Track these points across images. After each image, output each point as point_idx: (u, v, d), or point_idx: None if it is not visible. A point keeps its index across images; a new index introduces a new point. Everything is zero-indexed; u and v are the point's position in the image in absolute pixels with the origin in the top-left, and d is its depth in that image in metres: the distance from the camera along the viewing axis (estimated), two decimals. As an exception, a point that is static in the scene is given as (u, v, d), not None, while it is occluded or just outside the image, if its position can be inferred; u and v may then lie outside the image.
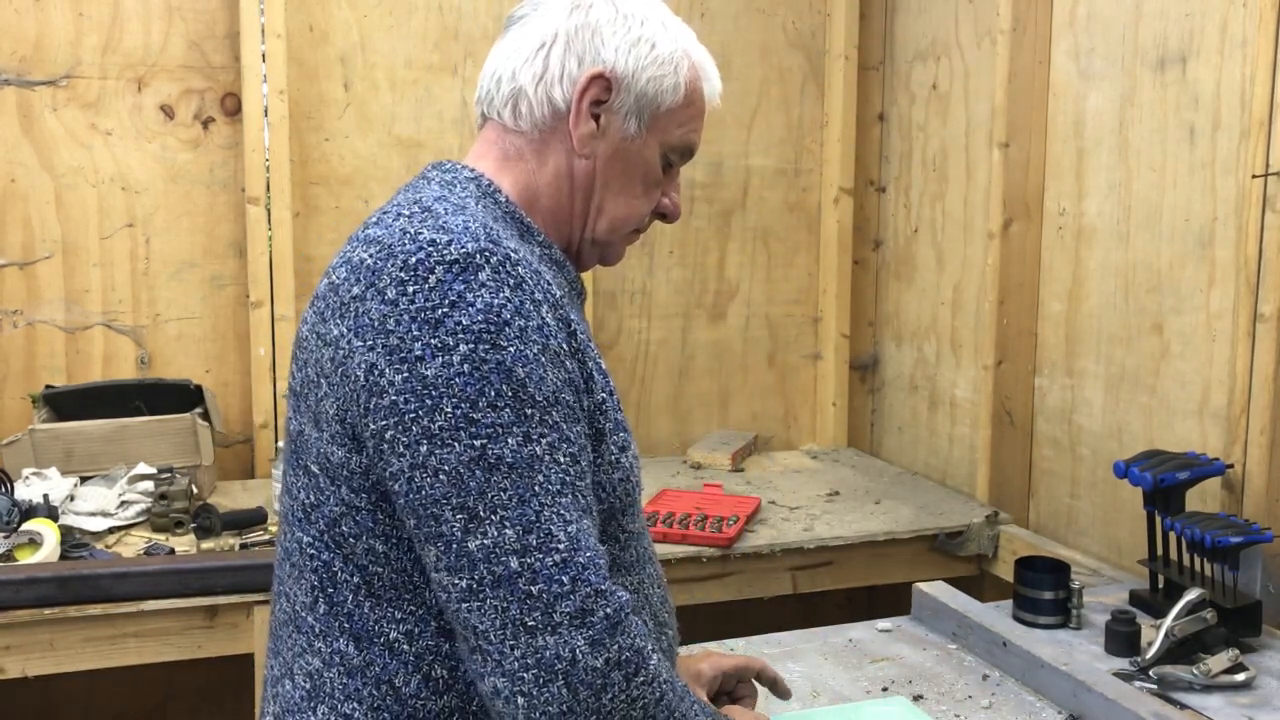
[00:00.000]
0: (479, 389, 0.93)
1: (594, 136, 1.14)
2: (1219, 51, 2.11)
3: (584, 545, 0.96)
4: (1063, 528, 2.54)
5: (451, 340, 0.94)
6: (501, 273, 0.97)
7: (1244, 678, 1.69)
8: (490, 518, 0.93)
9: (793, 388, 3.31)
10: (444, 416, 0.93)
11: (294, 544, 1.06)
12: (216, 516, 2.31)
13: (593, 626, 0.94)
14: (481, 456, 0.93)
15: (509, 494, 0.94)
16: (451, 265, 0.96)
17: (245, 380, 2.82)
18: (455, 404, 0.93)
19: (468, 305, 0.95)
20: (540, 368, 0.97)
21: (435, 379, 0.93)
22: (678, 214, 1.24)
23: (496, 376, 0.94)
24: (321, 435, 1.01)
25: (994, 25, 2.66)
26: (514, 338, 0.95)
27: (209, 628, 2.03)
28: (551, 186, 1.16)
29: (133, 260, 2.73)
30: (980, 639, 1.81)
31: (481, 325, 0.94)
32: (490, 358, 0.94)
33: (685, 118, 1.18)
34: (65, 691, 2.77)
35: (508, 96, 1.16)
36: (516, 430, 0.94)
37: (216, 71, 2.75)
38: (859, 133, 3.20)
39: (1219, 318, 2.12)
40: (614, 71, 1.13)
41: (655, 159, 1.18)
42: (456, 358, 0.93)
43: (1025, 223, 2.61)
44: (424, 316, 0.94)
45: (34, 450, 2.43)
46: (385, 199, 3.24)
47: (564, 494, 0.96)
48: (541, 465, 0.95)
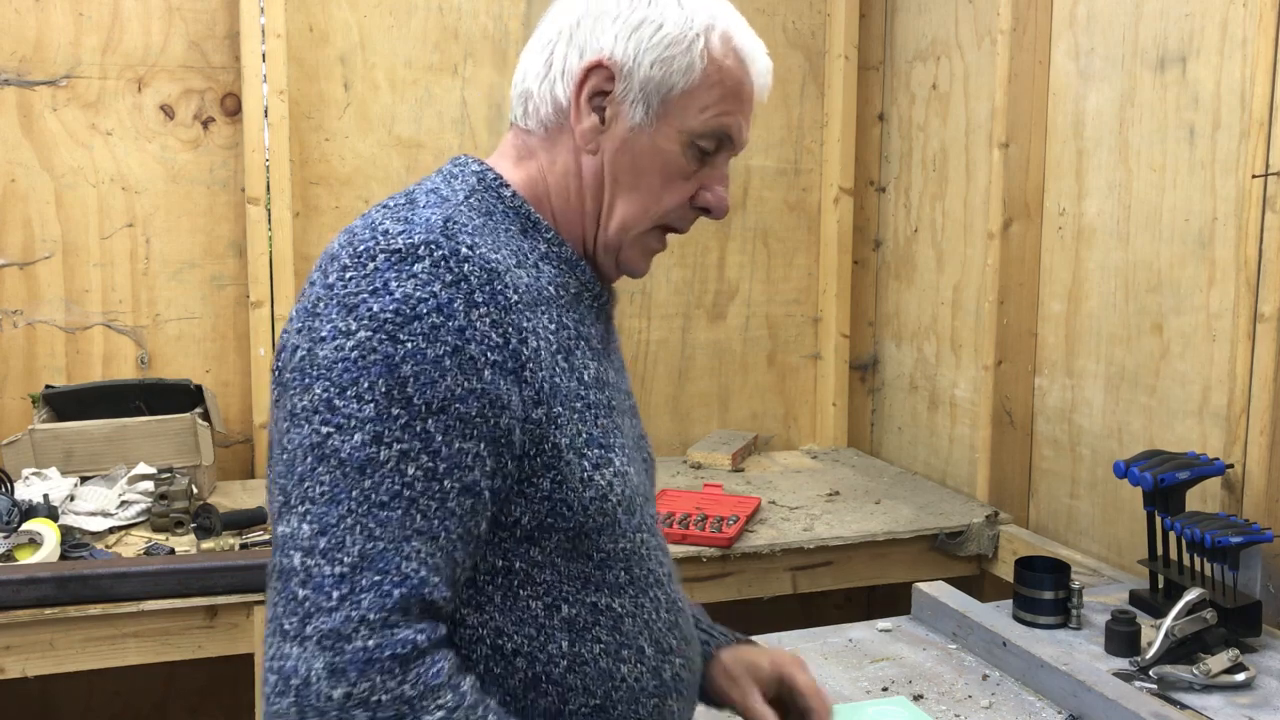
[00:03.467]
0: (353, 377, 0.90)
1: (598, 131, 1.09)
2: (1219, 51, 2.11)
3: (380, 568, 0.87)
4: (1063, 528, 2.54)
5: (355, 325, 0.91)
6: (441, 267, 0.93)
7: (1244, 678, 1.69)
8: (297, 508, 0.89)
9: (793, 388, 3.31)
10: (310, 397, 0.91)
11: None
12: (216, 516, 2.31)
13: (341, 654, 0.85)
14: (321, 444, 0.89)
15: (324, 489, 0.88)
16: (392, 254, 0.93)
17: (245, 380, 2.82)
18: (325, 387, 0.90)
19: (387, 294, 0.91)
20: (437, 371, 0.91)
21: (322, 360, 0.91)
22: (723, 208, 1.14)
23: (376, 369, 0.90)
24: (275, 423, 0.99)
25: (994, 25, 2.66)
26: (418, 334, 0.90)
27: (209, 628, 2.03)
28: (560, 185, 1.11)
29: (133, 260, 2.73)
30: (980, 639, 1.81)
31: (389, 315, 0.91)
32: (380, 349, 0.90)
33: (709, 100, 1.09)
34: (65, 691, 2.77)
35: (520, 97, 1.13)
36: (369, 428, 0.89)
37: (216, 71, 2.75)
38: (859, 133, 3.20)
39: (1219, 318, 2.12)
40: (613, 59, 1.07)
41: (675, 149, 1.09)
42: (350, 343, 0.90)
43: (1025, 223, 2.61)
44: (345, 301, 0.92)
45: (34, 450, 2.43)
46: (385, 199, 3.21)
47: (391, 507, 0.89)
48: (377, 471, 0.89)
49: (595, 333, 1.11)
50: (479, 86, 2.93)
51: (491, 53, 2.94)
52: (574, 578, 1.02)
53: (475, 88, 2.93)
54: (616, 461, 1.05)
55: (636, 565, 1.08)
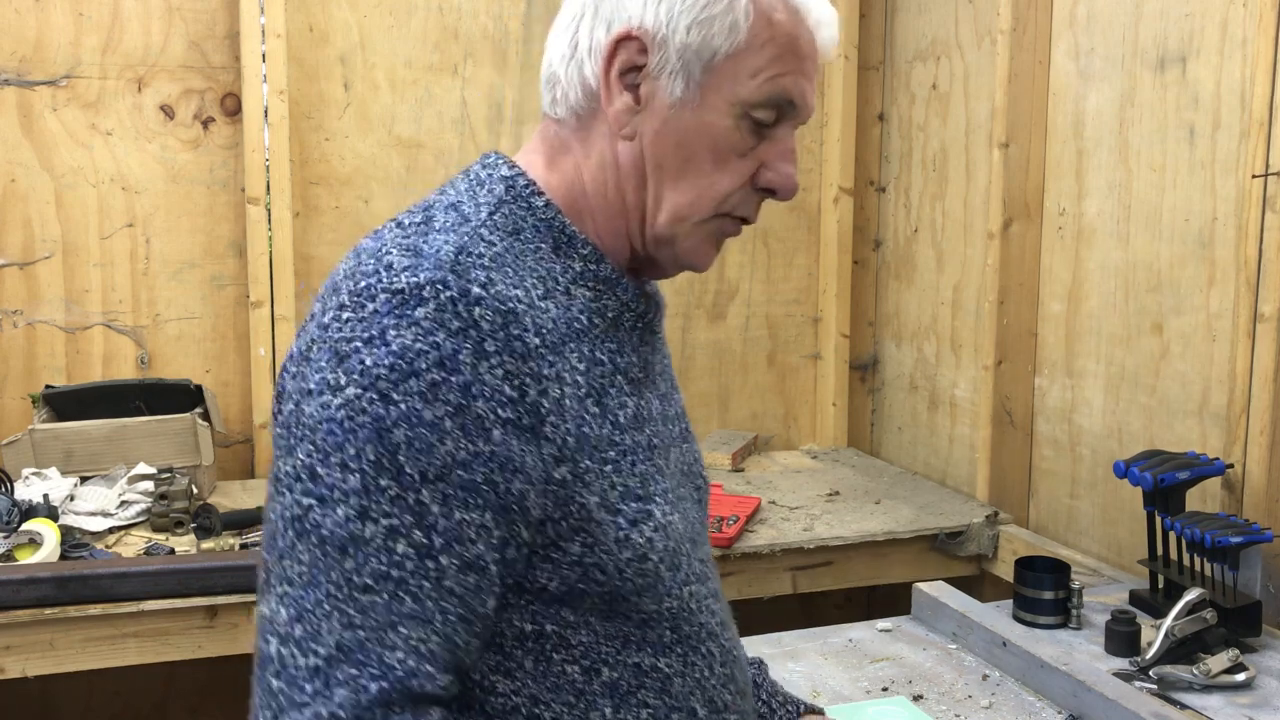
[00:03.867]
0: (338, 442, 0.80)
1: (633, 111, 0.96)
2: (1219, 51, 2.11)
3: (357, 660, 0.78)
4: (1063, 528, 2.54)
5: (344, 380, 0.81)
6: (447, 311, 0.82)
7: (1244, 678, 1.69)
8: (275, 588, 0.81)
9: (793, 388, 3.31)
10: (293, 462, 0.82)
11: None
12: (216, 516, 2.31)
13: None
14: (301, 518, 0.80)
15: (303, 569, 0.79)
16: (393, 296, 0.82)
17: (245, 380, 2.82)
18: (309, 452, 0.81)
19: (382, 344, 0.80)
20: (435, 434, 0.80)
21: (308, 419, 0.81)
22: (790, 187, 1.01)
23: (365, 433, 0.79)
24: None
25: (994, 25, 2.66)
26: (414, 393, 0.80)
27: (209, 628, 2.03)
28: (598, 179, 0.98)
29: (133, 260, 2.73)
30: (980, 639, 1.81)
31: (382, 371, 0.80)
32: (370, 410, 0.79)
33: (761, 61, 0.94)
34: (65, 691, 2.77)
35: (546, 83, 1.00)
36: (354, 501, 0.79)
37: (216, 71, 2.75)
38: (859, 133, 3.20)
39: (1219, 318, 2.12)
40: (643, 28, 0.93)
41: (726, 123, 0.96)
42: (337, 401, 0.80)
43: (1025, 223, 2.61)
44: (338, 348, 0.82)
45: (34, 450, 2.43)
46: (385, 199, 3.24)
47: (374, 591, 0.79)
48: (360, 549, 0.79)
49: (636, 360, 1.00)
50: (479, 86, 2.93)
51: (491, 53, 2.93)
52: (613, 637, 0.92)
53: (475, 88, 2.93)
54: (657, 513, 0.94)
55: (685, 622, 0.97)
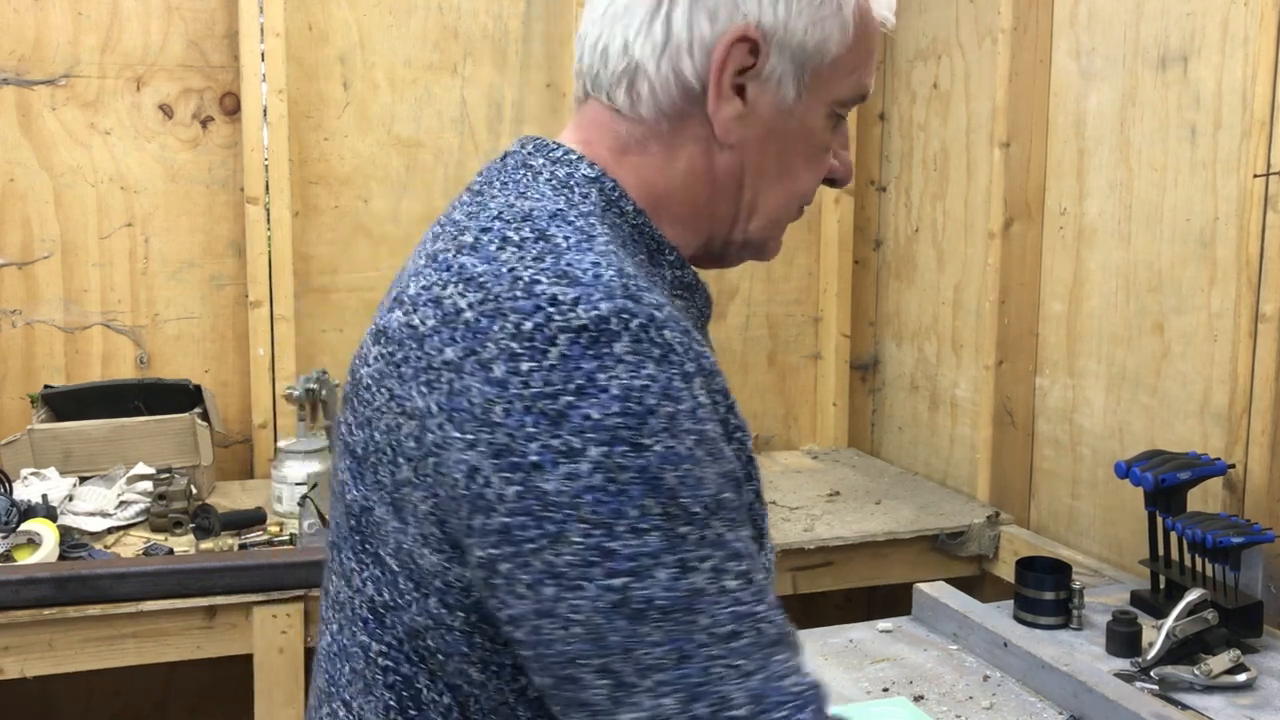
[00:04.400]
0: (616, 508, 0.71)
1: (741, 118, 0.87)
2: (1220, 51, 2.10)
3: (775, 702, 0.72)
4: (1063, 528, 2.53)
5: (578, 441, 0.71)
6: (644, 341, 0.73)
7: (1245, 678, 1.68)
8: (641, 684, 0.71)
9: (793, 388, 3.31)
10: (572, 549, 0.71)
11: (357, 648, 0.84)
12: (215, 517, 2.30)
13: None
14: (624, 601, 0.71)
15: (665, 649, 0.71)
16: (579, 334, 0.73)
17: (244, 380, 2.81)
18: (586, 530, 0.71)
19: (599, 391, 0.71)
20: (696, 466, 0.74)
21: (558, 495, 0.71)
22: (850, 175, 0.97)
23: (638, 489, 0.71)
24: (405, 529, 0.79)
25: (995, 24, 2.66)
26: (660, 431, 0.72)
27: (208, 628, 2.02)
28: (685, 190, 0.90)
29: (132, 260, 2.73)
30: (981, 639, 1.81)
31: (618, 420, 0.71)
32: (630, 464, 0.71)
33: (857, 60, 0.90)
34: (64, 692, 2.77)
35: (619, 74, 0.88)
36: (668, 559, 0.71)
37: (215, 71, 2.74)
38: (859, 132, 3.20)
39: (1220, 318, 2.11)
40: (761, 27, 0.85)
41: (820, 123, 0.91)
42: (585, 465, 0.71)
43: (1026, 222, 2.60)
44: (542, 407, 0.72)
45: (33, 450, 2.43)
46: (385, 199, 3.22)
47: (740, 634, 0.73)
48: (704, 601, 0.72)
49: None
50: (479, 86, 2.93)
51: (491, 52, 2.93)
52: None
53: (475, 87, 2.93)
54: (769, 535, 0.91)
55: None
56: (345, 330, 2.86)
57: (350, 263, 2.85)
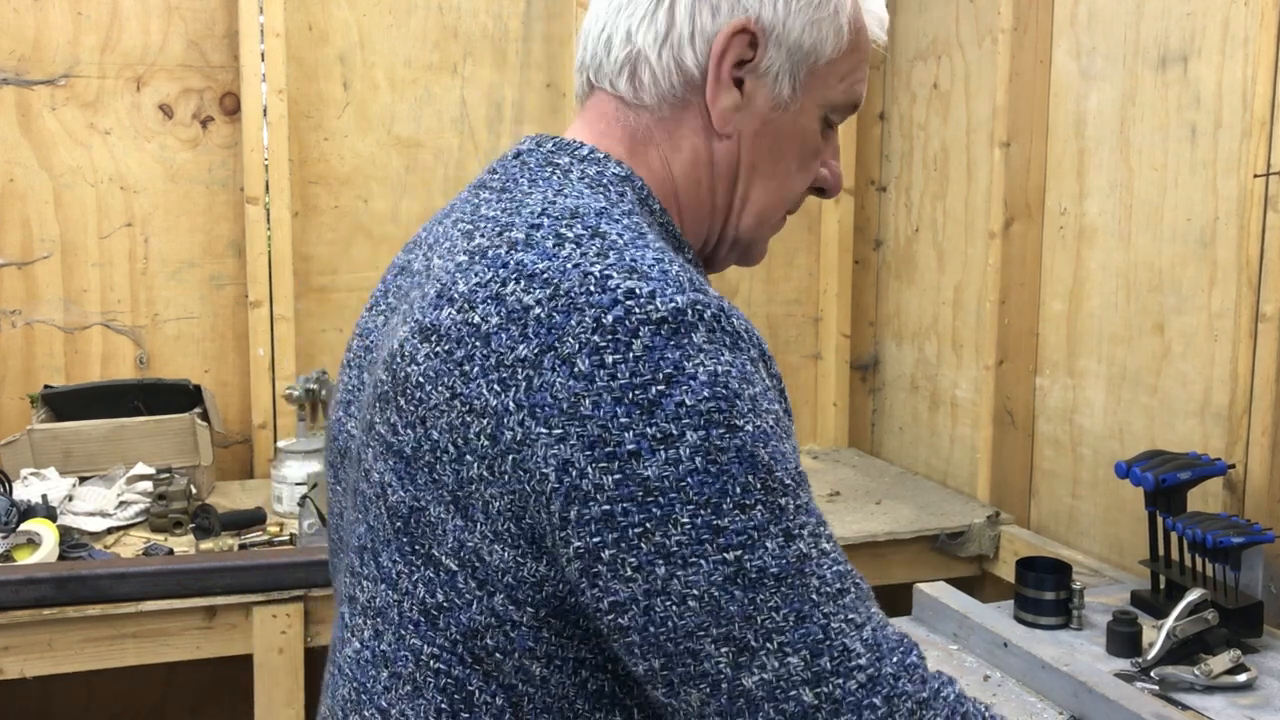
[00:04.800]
0: (720, 487, 0.74)
1: (738, 109, 0.91)
2: (1220, 51, 2.10)
3: (887, 648, 0.77)
4: (1064, 528, 2.53)
5: (675, 429, 0.74)
6: (717, 331, 0.77)
7: (1245, 678, 1.68)
8: (766, 646, 0.75)
9: (793, 388, 3.31)
10: (681, 529, 0.74)
11: (406, 652, 0.84)
12: (215, 517, 2.30)
13: None
14: (739, 572, 0.74)
15: (783, 612, 0.75)
16: (660, 326, 0.75)
17: (244, 380, 2.81)
18: (693, 511, 0.74)
19: (689, 379, 0.74)
20: (780, 442, 0.78)
21: (661, 480, 0.73)
22: (839, 187, 1.01)
23: (738, 467, 0.75)
24: (471, 526, 0.79)
25: (995, 24, 2.66)
26: (748, 412, 0.76)
27: (207, 628, 2.02)
28: (689, 177, 0.93)
29: (131, 260, 2.73)
30: (981, 639, 1.81)
31: (710, 404, 0.74)
32: (728, 444, 0.74)
33: (849, 66, 0.94)
34: (64, 692, 2.77)
35: (622, 62, 0.91)
36: (774, 530, 0.75)
37: (215, 71, 2.74)
38: (859, 132, 3.20)
39: (1220, 317, 2.11)
40: (760, 22, 0.88)
41: (814, 125, 0.95)
42: (685, 450, 0.74)
43: (1026, 222, 2.60)
44: (632, 397, 0.74)
45: (32, 450, 2.43)
46: (385, 199, 3.22)
47: (846, 590, 0.78)
48: (812, 564, 0.77)
49: None
50: (479, 86, 2.93)
51: (491, 52, 2.93)
52: None
53: (475, 87, 2.92)
54: None
55: None
56: (345, 330, 2.86)
57: (350, 263, 2.85)
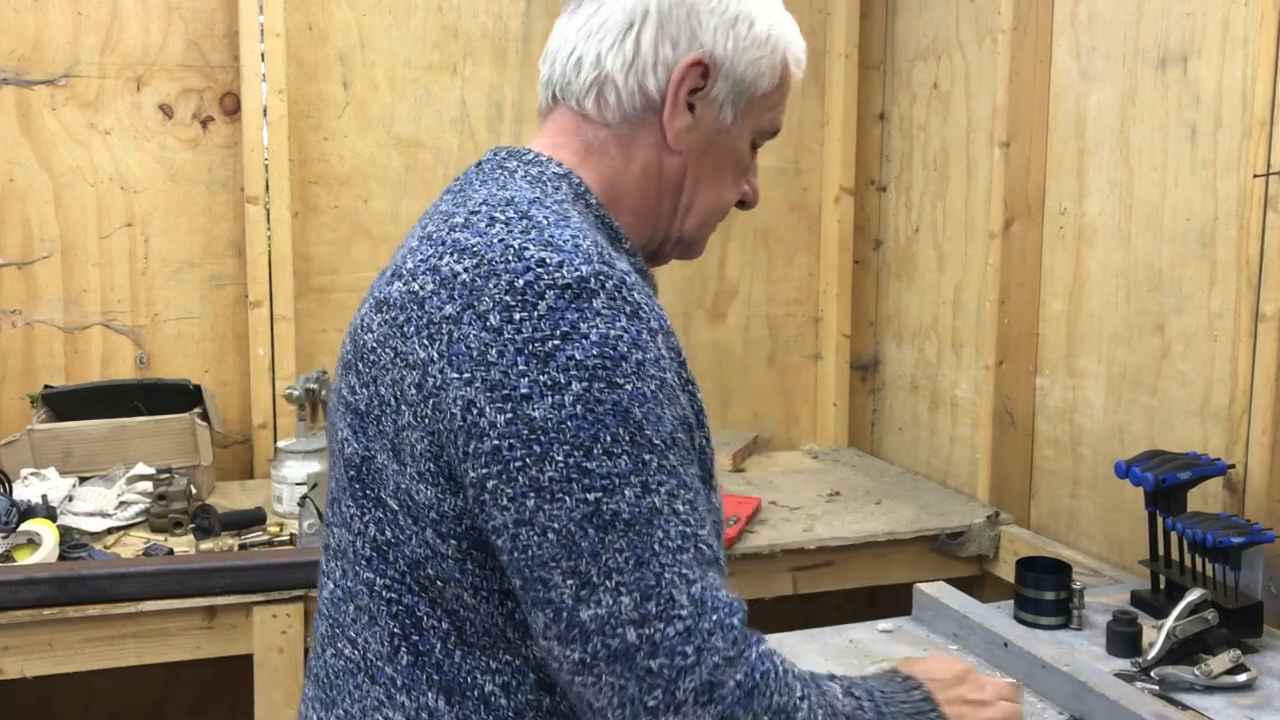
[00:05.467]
0: (593, 434, 0.84)
1: (689, 129, 1.05)
2: (1220, 51, 2.10)
3: (710, 607, 0.86)
4: (1064, 528, 2.53)
5: (563, 377, 0.84)
6: (617, 299, 0.88)
7: (1245, 678, 1.68)
8: (604, 583, 0.83)
9: (793, 388, 3.31)
10: (554, 466, 0.83)
11: (361, 586, 0.95)
12: (215, 517, 2.30)
13: (722, 701, 0.84)
14: (595, 513, 0.83)
15: (625, 555, 0.83)
16: (564, 290, 0.86)
17: (244, 380, 2.81)
18: (567, 451, 0.83)
19: (581, 337, 0.85)
20: (657, 406, 0.87)
21: (544, 421, 0.84)
22: (758, 199, 1.16)
23: (612, 419, 0.84)
24: (404, 469, 0.90)
25: (995, 24, 2.66)
26: (630, 374, 0.86)
27: (208, 628, 2.02)
28: (639, 185, 1.06)
29: (131, 260, 2.73)
30: (981, 640, 1.81)
31: (596, 360, 0.85)
32: (606, 397, 0.84)
33: (777, 99, 1.10)
34: (64, 692, 2.77)
35: (591, 83, 1.04)
36: (634, 480, 0.85)
37: (215, 71, 2.74)
38: (859, 132, 3.20)
39: (1220, 318, 2.11)
40: (713, 56, 1.03)
41: (746, 146, 1.11)
42: (569, 397, 0.84)
43: (1026, 222, 2.60)
44: (531, 349, 0.85)
45: (32, 450, 2.43)
46: (385, 199, 3.23)
47: (685, 549, 0.86)
48: (660, 519, 0.85)
49: None
50: (479, 86, 2.93)
51: (491, 52, 2.93)
52: None
53: (475, 87, 2.92)
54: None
55: None
56: (345, 330, 2.85)
57: (350, 263, 2.85)
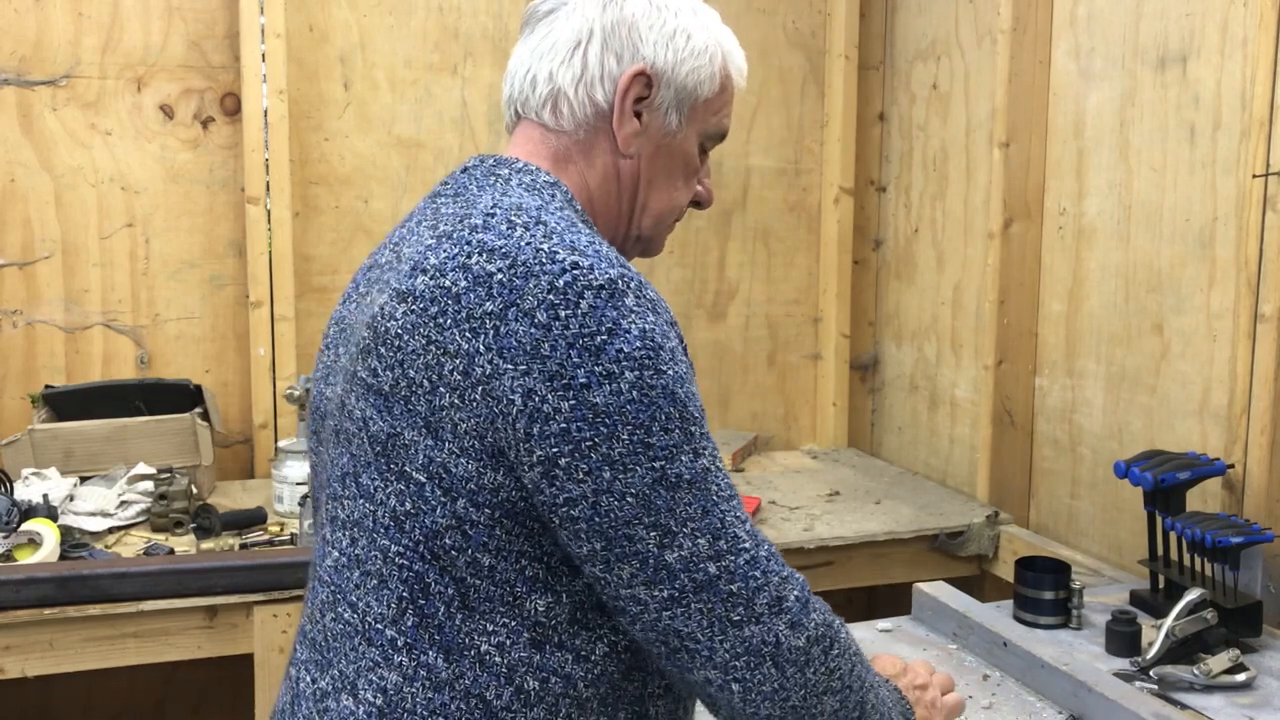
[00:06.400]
0: (650, 414, 0.98)
1: (637, 134, 1.15)
2: (1219, 51, 2.10)
3: (761, 540, 1.03)
4: (1063, 528, 2.54)
5: (616, 368, 0.97)
6: (641, 298, 1.00)
7: (1244, 678, 1.69)
8: (683, 530, 0.99)
9: (793, 388, 3.31)
10: (622, 443, 0.97)
11: (375, 552, 1.04)
12: (216, 517, 2.31)
13: (789, 611, 1.01)
14: (662, 478, 0.98)
15: (694, 507, 0.99)
16: (600, 290, 0.98)
17: (245, 380, 2.81)
18: (631, 430, 0.97)
19: (624, 332, 0.98)
20: (690, 385, 1.03)
21: (606, 406, 0.97)
22: (711, 199, 1.27)
23: (663, 400, 0.99)
24: (441, 444, 1.00)
25: (994, 25, 2.66)
26: (668, 361, 1.00)
27: (208, 628, 2.03)
28: (601, 188, 1.17)
29: (132, 260, 2.73)
30: (981, 639, 1.81)
31: (641, 352, 0.98)
32: (655, 383, 0.98)
33: (720, 104, 1.20)
34: (65, 691, 2.77)
35: (546, 97, 1.15)
36: (686, 448, 1.00)
37: (216, 71, 2.74)
38: (859, 133, 3.20)
39: (1219, 318, 2.11)
40: (654, 68, 1.14)
41: (694, 149, 1.20)
42: (624, 385, 0.97)
43: (1025, 223, 2.61)
44: (582, 344, 0.97)
45: (33, 450, 2.43)
46: (385, 199, 3.23)
47: (733, 496, 1.03)
48: (711, 476, 1.01)
49: None
50: (479, 86, 2.93)
51: (491, 52, 2.93)
52: None
53: (475, 87, 2.93)
54: None
55: None
56: (345, 330, 2.86)
57: (350, 263, 2.85)
